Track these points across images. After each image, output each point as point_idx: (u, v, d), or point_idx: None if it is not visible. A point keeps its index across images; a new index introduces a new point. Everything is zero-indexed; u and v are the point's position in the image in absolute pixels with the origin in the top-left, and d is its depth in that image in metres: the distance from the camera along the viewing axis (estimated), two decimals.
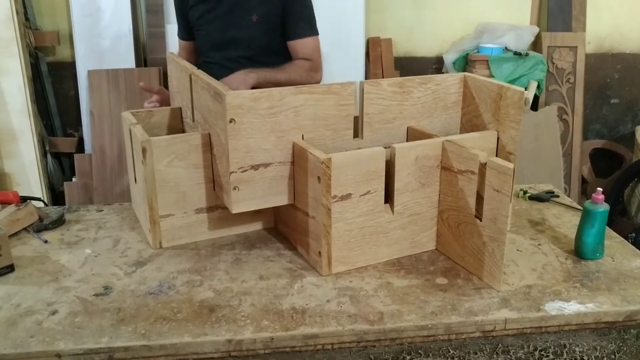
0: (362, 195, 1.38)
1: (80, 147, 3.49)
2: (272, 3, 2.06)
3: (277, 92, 1.38)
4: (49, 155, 3.42)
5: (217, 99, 1.40)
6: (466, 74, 1.70)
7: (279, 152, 1.43)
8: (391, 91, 1.58)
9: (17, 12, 3.12)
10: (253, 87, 1.91)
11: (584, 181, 3.81)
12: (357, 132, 1.57)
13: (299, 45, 2.09)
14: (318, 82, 2.13)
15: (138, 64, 3.37)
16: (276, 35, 2.08)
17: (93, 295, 1.32)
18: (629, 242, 1.60)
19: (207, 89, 1.48)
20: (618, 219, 3.48)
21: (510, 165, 1.26)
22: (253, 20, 2.03)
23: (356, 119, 1.56)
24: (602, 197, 1.46)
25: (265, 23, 2.05)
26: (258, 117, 1.37)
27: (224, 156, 1.40)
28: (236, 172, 1.39)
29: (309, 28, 2.11)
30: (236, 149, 1.37)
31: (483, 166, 1.33)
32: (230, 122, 1.34)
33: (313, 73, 2.11)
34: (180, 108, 1.80)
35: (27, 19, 3.31)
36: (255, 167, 1.41)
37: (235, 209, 1.43)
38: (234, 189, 1.40)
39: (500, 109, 1.55)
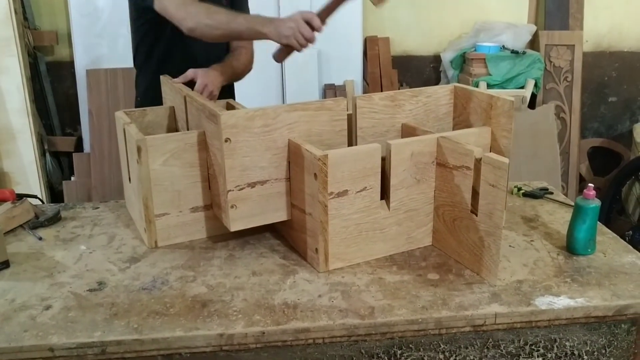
0: (358, 191, 1.39)
1: (79, 146, 3.51)
2: None
3: (271, 110, 1.41)
4: (47, 155, 3.43)
5: (212, 120, 1.42)
6: (456, 84, 1.72)
7: (275, 169, 1.45)
8: (383, 105, 1.60)
9: (15, 12, 3.14)
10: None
11: (581, 180, 3.81)
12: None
13: None
14: (250, 70, 2.13)
15: None
16: None
17: (87, 290, 1.33)
18: (626, 240, 1.60)
19: (201, 110, 1.50)
20: (616, 217, 3.48)
21: (506, 160, 1.27)
22: (223, 4, 2.02)
23: (350, 133, 1.57)
24: (593, 192, 1.47)
25: (231, 7, 2.04)
26: (253, 136, 1.39)
27: (221, 175, 1.42)
28: (233, 190, 1.41)
29: (249, 10, 2.12)
30: (233, 168, 1.39)
31: (478, 161, 1.34)
32: (226, 141, 1.36)
33: (252, 59, 2.12)
34: (174, 107, 1.81)
35: (25, 18, 3.33)
36: (252, 185, 1.43)
37: (234, 227, 1.45)
38: (232, 207, 1.42)
39: (491, 119, 1.57)
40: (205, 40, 1.79)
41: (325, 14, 1.69)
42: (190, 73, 1.83)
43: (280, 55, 1.74)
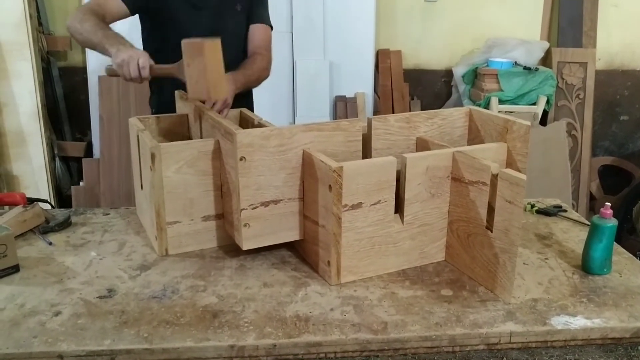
0: (372, 204, 1.38)
1: (88, 152, 3.51)
2: None
3: (287, 130, 1.41)
4: (57, 159, 3.44)
5: (227, 138, 1.42)
6: (471, 107, 1.71)
7: (289, 189, 1.44)
8: (398, 126, 1.60)
9: (30, 17, 3.15)
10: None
11: (592, 198, 3.78)
12: None
13: (260, 30, 2.10)
14: (267, 77, 2.12)
15: None
16: (247, 25, 2.10)
17: (97, 297, 1.32)
18: (637, 259, 1.58)
19: (217, 127, 1.49)
20: (626, 237, 3.45)
21: (523, 177, 1.26)
22: (237, 10, 2.03)
23: (365, 154, 1.57)
24: (610, 211, 1.45)
25: (246, 12, 2.06)
26: (268, 155, 1.39)
27: (235, 193, 1.42)
28: (247, 209, 1.41)
29: (269, 17, 2.14)
30: (247, 187, 1.39)
31: (495, 177, 1.33)
32: (241, 160, 1.36)
33: (269, 66, 2.11)
34: (187, 115, 1.80)
35: (40, 23, 3.35)
36: (265, 204, 1.43)
37: (246, 246, 1.44)
38: (245, 225, 1.42)
39: (506, 142, 1.56)
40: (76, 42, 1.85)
41: (157, 72, 1.68)
42: None
43: (109, 71, 1.75)
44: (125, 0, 1.96)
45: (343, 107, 3.52)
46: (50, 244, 1.58)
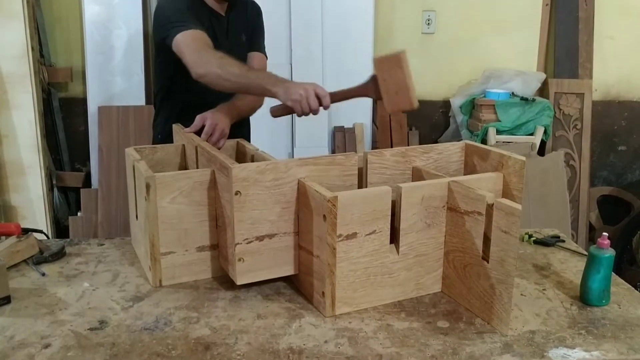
0: (367, 234, 1.37)
1: (87, 182, 3.51)
2: (252, 22, 2.13)
3: (283, 164, 1.41)
4: (55, 189, 3.43)
5: (223, 172, 1.42)
6: (467, 142, 1.72)
7: (284, 223, 1.44)
8: (394, 161, 1.61)
9: (32, 49, 3.19)
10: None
11: (591, 228, 3.77)
12: None
13: (257, 58, 2.14)
14: (261, 106, 2.13)
15: (148, 102, 3.41)
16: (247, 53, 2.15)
17: (88, 329, 1.31)
18: (637, 290, 1.57)
19: (213, 161, 1.50)
20: (626, 267, 3.42)
21: (518, 206, 1.25)
22: (243, 40, 2.08)
23: (360, 188, 1.56)
24: (607, 242, 1.44)
25: (248, 42, 2.11)
26: (263, 189, 1.39)
27: (230, 227, 1.41)
28: (241, 243, 1.40)
29: (265, 47, 2.19)
30: (241, 221, 1.39)
31: (490, 207, 1.32)
32: (236, 194, 1.36)
33: (262, 101, 2.12)
34: (184, 145, 1.81)
35: (42, 55, 3.38)
36: (260, 238, 1.42)
37: (240, 281, 1.43)
38: (239, 260, 1.41)
39: (502, 177, 1.56)
40: (214, 88, 1.79)
41: (338, 97, 1.69)
42: (198, 120, 1.83)
43: (278, 112, 1.73)
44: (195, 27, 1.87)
45: (342, 137, 3.53)
46: (44, 274, 1.57)
